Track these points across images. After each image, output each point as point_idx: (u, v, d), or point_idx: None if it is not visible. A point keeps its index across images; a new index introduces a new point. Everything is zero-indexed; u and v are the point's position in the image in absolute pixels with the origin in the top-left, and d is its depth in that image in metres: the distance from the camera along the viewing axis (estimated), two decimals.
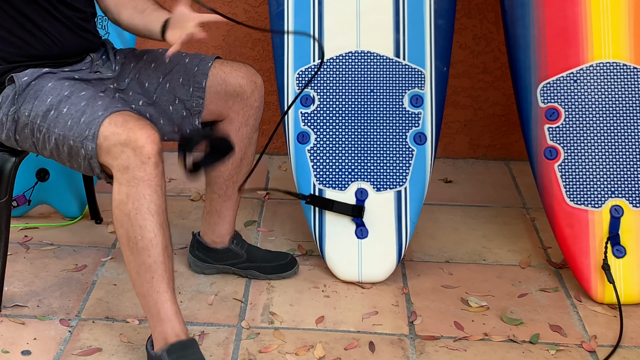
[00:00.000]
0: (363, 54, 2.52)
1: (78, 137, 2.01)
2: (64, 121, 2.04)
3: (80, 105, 2.05)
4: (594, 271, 2.36)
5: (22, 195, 2.76)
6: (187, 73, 2.29)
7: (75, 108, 2.04)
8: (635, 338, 2.24)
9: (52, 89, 2.11)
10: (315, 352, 2.16)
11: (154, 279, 1.98)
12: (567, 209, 2.40)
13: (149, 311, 2.01)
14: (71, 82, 2.14)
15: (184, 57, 2.32)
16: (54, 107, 2.07)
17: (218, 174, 2.39)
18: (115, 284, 2.47)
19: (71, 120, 2.03)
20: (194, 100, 2.27)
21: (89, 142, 1.99)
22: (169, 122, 2.30)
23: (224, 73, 2.29)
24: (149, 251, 1.97)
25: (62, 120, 2.05)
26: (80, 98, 2.07)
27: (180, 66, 2.30)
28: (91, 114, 2.02)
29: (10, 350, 2.16)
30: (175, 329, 1.99)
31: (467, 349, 2.19)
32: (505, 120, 3.36)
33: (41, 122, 2.08)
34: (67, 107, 2.06)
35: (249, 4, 3.29)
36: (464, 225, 2.86)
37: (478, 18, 3.25)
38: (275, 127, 2.35)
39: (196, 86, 2.27)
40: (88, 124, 2.00)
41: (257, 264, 2.49)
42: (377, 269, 2.48)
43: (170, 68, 2.30)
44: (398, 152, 2.49)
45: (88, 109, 2.03)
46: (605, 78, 2.41)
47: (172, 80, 2.29)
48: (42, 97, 2.10)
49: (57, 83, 2.12)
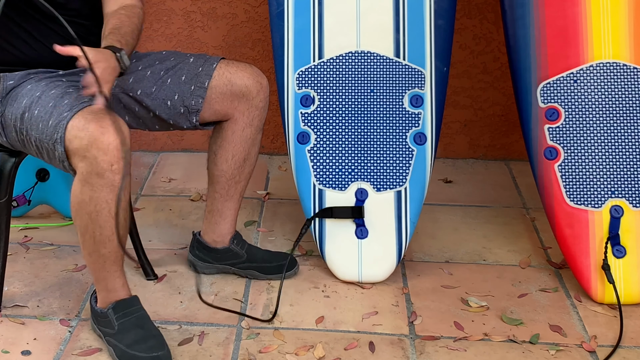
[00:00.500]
0: (363, 54, 2.52)
1: (50, 139, 2.01)
2: (36, 123, 2.05)
3: (48, 107, 2.04)
4: (594, 271, 2.36)
5: (22, 195, 2.76)
6: (190, 72, 2.29)
7: (45, 110, 2.04)
8: (635, 338, 2.24)
9: (29, 91, 2.11)
10: (315, 352, 2.16)
11: (106, 264, 2.09)
12: (567, 209, 2.40)
13: (97, 279, 2.14)
14: (47, 82, 2.13)
15: (188, 57, 2.33)
16: (27, 109, 2.08)
17: (221, 174, 2.39)
18: None
19: (41, 122, 2.04)
20: (194, 98, 2.28)
21: (58, 145, 1.99)
22: (166, 115, 2.29)
23: (229, 73, 2.29)
24: (105, 244, 2.05)
25: (34, 123, 2.05)
26: (49, 98, 2.06)
27: (184, 64, 2.31)
28: (57, 115, 2.01)
29: (10, 350, 2.16)
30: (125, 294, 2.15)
31: (467, 349, 2.19)
32: (505, 120, 3.36)
33: (20, 125, 2.09)
34: (38, 109, 2.06)
35: (249, 4, 3.29)
36: (464, 225, 2.86)
37: (478, 18, 3.25)
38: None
39: (198, 85, 2.27)
40: (55, 126, 2.00)
41: (257, 264, 2.49)
42: (377, 269, 2.48)
43: (174, 65, 2.31)
44: (398, 152, 2.49)
45: (55, 110, 2.02)
46: (605, 78, 2.41)
47: (175, 77, 2.29)
48: (20, 99, 2.11)
49: (34, 85, 2.12)
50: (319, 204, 2.49)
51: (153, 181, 3.19)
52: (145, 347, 2.06)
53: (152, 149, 3.44)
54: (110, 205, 1.99)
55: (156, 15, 3.31)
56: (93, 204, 1.99)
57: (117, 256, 2.09)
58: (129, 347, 2.07)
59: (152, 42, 3.32)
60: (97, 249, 2.06)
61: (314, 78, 2.51)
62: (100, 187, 1.97)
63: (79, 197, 2.00)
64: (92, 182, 1.97)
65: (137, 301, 2.16)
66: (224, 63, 2.32)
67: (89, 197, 1.98)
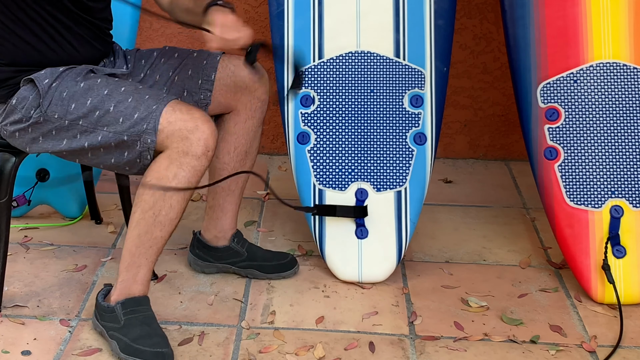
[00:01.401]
0: (363, 54, 2.52)
1: (135, 132, 2.05)
2: (115, 119, 2.07)
3: (127, 102, 2.08)
4: (594, 271, 2.36)
5: (22, 195, 2.76)
6: (196, 66, 2.31)
7: (124, 105, 2.07)
8: (635, 338, 2.24)
9: (88, 89, 2.11)
10: (315, 352, 2.16)
11: (151, 248, 2.11)
12: (567, 209, 2.40)
13: (128, 268, 2.13)
14: (103, 79, 2.15)
15: (192, 52, 2.35)
16: (97, 107, 2.09)
17: (222, 167, 2.39)
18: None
19: (122, 117, 2.06)
20: (202, 92, 2.29)
21: (148, 135, 2.04)
22: None
23: (233, 66, 2.32)
24: (164, 227, 2.09)
25: (110, 119, 2.07)
26: (122, 95, 2.09)
27: (189, 60, 2.33)
28: (145, 108, 2.06)
29: (10, 350, 2.16)
30: (140, 291, 2.15)
31: (467, 349, 2.19)
32: (505, 120, 3.36)
33: (84, 122, 2.09)
34: (113, 105, 2.08)
35: (249, 4, 3.29)
36: (464, 225, 2.86)
37: (478, 18, 3.25)
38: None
39: (205, 79, 2.29)
40: (144, 118, 2.04)
41: (257, 262, 2.49)
42: (377, 269, 2.48)
43: (180, 62, 2.32)
44: (398, 152, 2.49)
45: (140, 105, 2.07)
46: (605, 78, 2.41)
47: (182, 73, 2.31)
48: (79, 98, 2.10)
49: (89, 82, 2.13)
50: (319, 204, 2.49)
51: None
52: (150, 343, 2.07)
53: None
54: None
55: None
56: (175, 182, 2.03)
57: (162, 247, 2.12)
58: (134, 341, 2.08)
59: (152, 42, 3.32)
60: (152, 230, 2.08)
61: (314, 78, 2.51)
62: (189, 168, 2.03)
63: (162, 172, 2.04)
64: (184, 161, 2.02)
65: (148, 301, 2.17)
66: (227, 56, 2.34)
67: (174, 174, 2.03)
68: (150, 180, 2.05)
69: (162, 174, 2.04)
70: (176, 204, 2.08)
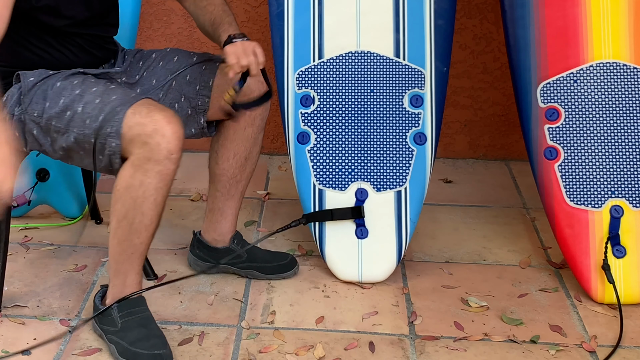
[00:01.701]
0: (363, 54, 2.52)
1: (99, 135, 2.02)
2: (81, 120, 2.05)
3: (94, 103, 2.05)
4: (594, 271, 2.36)
5: (22, 195, 2.76)
6: (194, 71, 2.29)
7: (91, 106, 2.05)
8: (635, 338, 2.24)
9: (63, 89, 2.11)
10: (315, 352, 2.16)
11: (133, 255, 2.10)
12: (567, 209, 2.39)
13: (116, 275, 2.13)
14: (80, 79, 2.14)
15: (192, 56, 2.34)
16: (68, 108, 2.07)
17: (222, 172, 2.39)
18: None
19: (89, 119, 2.04)
20: (200, 98, 2.28)
21: (112, 138, 2.01)
22: None
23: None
24: (140, 234, 2.07)
25: (79, 120, 2.05)
26: (92, 95, 2.07)
27: (188, 65, 2.32)
28: (110, 110, 2.02)
29: (10, 350, 2.16)
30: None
31: (467, 349, 2.19)
32: (505, 120, 3.36)
33: (57, 122, 2.08)
34: (82, 106, 2.06)
35: (249, 4, 3.29)
36: (464, 225, 2.86)
37: (478, 18, 3.25)
38: None
39: (203, 85, 2.28)
40: (108, 120, 2.01)
41: (257, 264, 2.49)
42: (377, 269, 2.48)
43: (178, 67, 2.31)
44: (398, 152, 2.49)
45: (105, 106, 2.04)
46: (605, 78, 2.41)
47: (179, 78, 2.29)
48: (54, 98, 2.10)
49: (65, 82, 2.12)
50: (319, 204, 2.49)
51: None
52: (148, 345, 2.07)
53: None
54: (157, 194, 2.01)
55: (156, 15, 3.31)
56: (142, 190, 2.00)
57: (144, 250, 2.11)
58: (132, 344, 2.08)
59: (152, 42, 3.32)
60: (130, 238, 2.07)
61: (314, 78, 2.51)
62: (154, 174, 1.99)
63: (128, 181, 2.01)
64: (147, 167, 1.98)
65: (143, 301, 2.17)
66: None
67: (140, 182, 2.00)
68: (119, 189, 2.03)
69: (129, 182, 2.01)
70: (148, 211, 2.04)
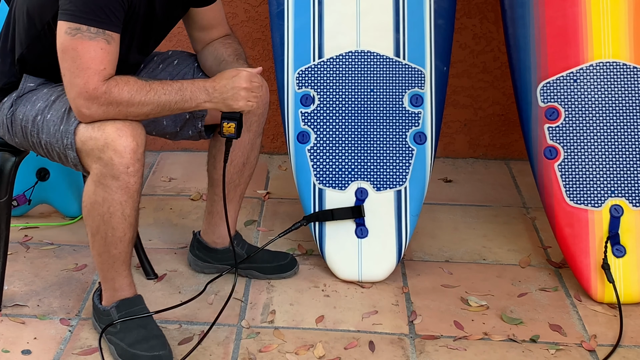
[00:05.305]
0: (363, 53, 2.52)
1: (60, 144, 2.02)
2: (47, 127, 2.05)
3: (60, 112, 2.04)
4: (594, 271, 2.37)
5: (22, 194, 2.76)
6: (193, 76, 2.29)
7: (57, 114, 2.04)
8: (635, 338, 2.24)
9: (45, 94, 2.11)
10: (315, 352, 2.16)
11: (115, 263, 2.10)
12: (567, 209, 2.40)
13: (104, 279, 2.14)
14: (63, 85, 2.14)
15: (192, 60, 2.33)
16: (41, 113, 2.07)
17: (220, 179, 2.38)
18: None
19: (53, 127, 2.04)
20: None
21: (69, 150, 2.00)
22: (172, 124, 2.31)
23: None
24: (116, 245, 2.06)
25: (46, 127, 2.05)
26: (62, 103, 2.06)
27: (187, 69, 2.31)
28: (67, 120, 2.01)
29: (10, 349, 2.16)
30: (129, 294, 2.15)
31: (467, 349, 2.19)
32: (505, 120, 3.36)
33: (32, 127, 2.09)
34: (51, 113, 2.06)
35: (249, 4, 3.29)
36: (464, 224, 2.86)
37: (478, 18, 3.26)
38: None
39: None
40: (65, 132, 2.01)
41: (257, 264, 2.49)
42: (377, 269, 2.48)
43: (177, 71, 2.30)
44: (398, 152, 2.49)
45: (67, 116, 2.02)
46: (605, 78, 2.42)
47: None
48: (34, 102, 2.10)
49: (51, 89, 2.12)
50: (319, 204, 2.50)
51: (153, 181, 3.19)
52: (147, 347, 2.07)
53: (152, 148, 3.44)
54: (124, 207, 1.99)
55: None
56: (106, 206, 1.99)
57: (127, 256, 2.10)
58: (131, 346, 2.07)
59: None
60: (108, 250, 2.06)
61: (314, 77, 2.51)
62: (114, 189, 1.97)
63: (92, 197, 2.00)
64: (107, 183, 1.96)
65: (141, 300, 2.17)
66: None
67: (103, 198, 1.98)
68: (86, 205, 2.02)
69: (93, 198, 2.00)
70: (118, 225, 2.02)
